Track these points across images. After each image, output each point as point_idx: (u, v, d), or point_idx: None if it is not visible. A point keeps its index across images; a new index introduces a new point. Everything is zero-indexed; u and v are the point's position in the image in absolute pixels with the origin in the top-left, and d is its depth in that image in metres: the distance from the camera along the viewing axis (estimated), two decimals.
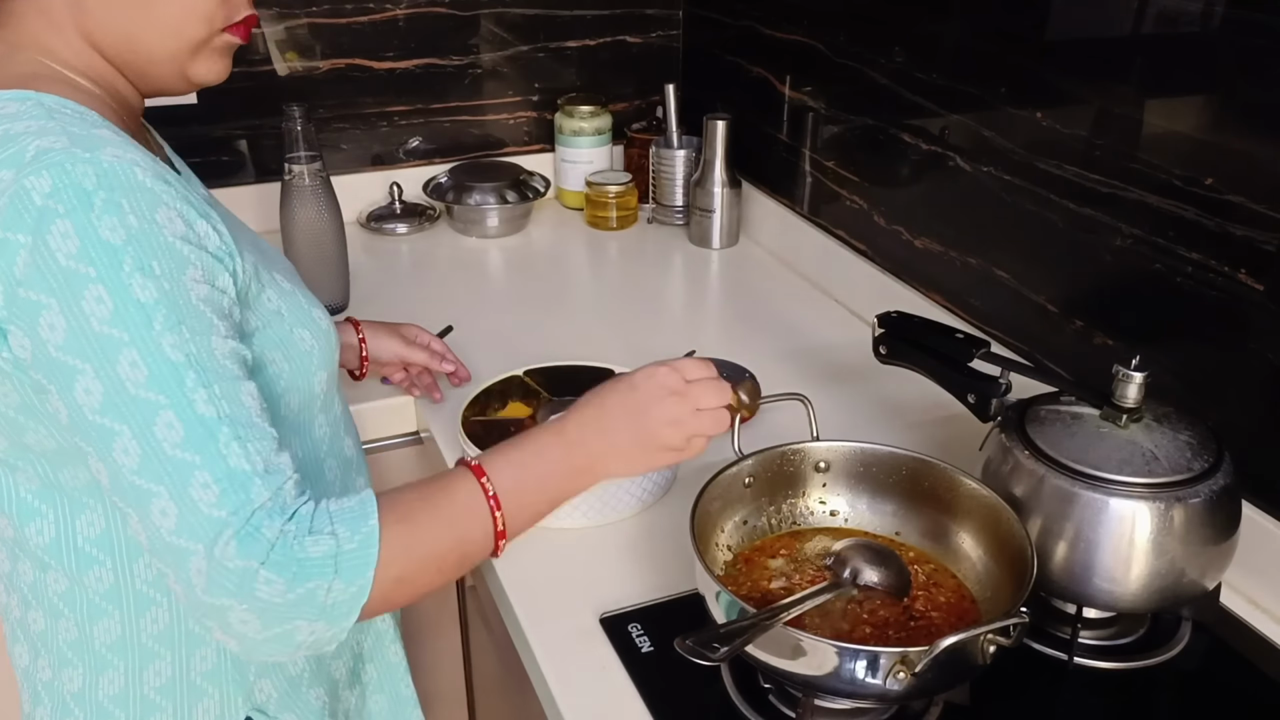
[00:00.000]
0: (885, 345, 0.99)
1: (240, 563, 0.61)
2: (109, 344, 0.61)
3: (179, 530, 0.61)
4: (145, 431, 0.62)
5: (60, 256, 0.61)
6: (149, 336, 0.62)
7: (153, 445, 0.62)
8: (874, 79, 1.34)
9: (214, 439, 0.62)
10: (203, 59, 0.75)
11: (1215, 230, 0.92)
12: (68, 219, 0.61)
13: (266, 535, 0.61)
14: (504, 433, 1.04)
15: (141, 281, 0.62)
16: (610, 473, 0.78)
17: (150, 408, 0.62)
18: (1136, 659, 0.86)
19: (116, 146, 0.65)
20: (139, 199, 0.63)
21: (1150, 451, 0.81)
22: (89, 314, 0.61)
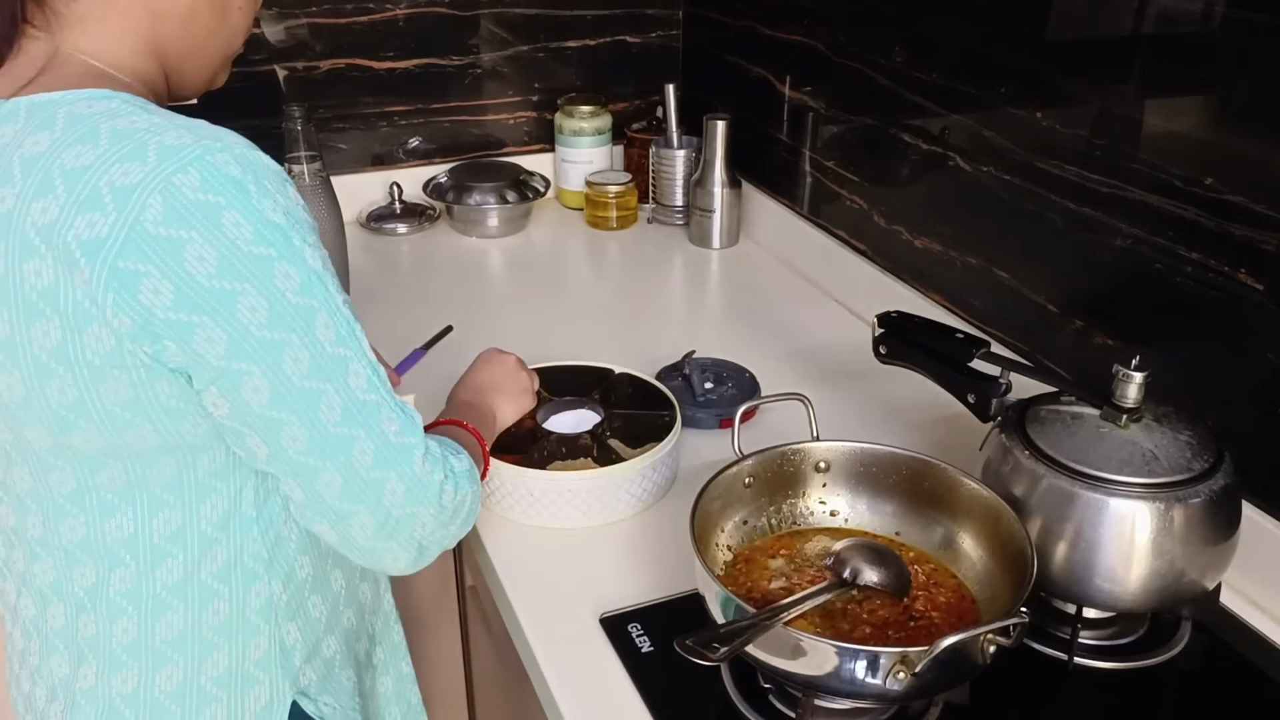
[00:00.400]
0: (885, 345, 0.99)
1: (434, 476, 0.73)
2: (306, 312, 0.66)
3: (376, 462, 0.70)
4: (343, 384, 0.68)
5: (241, 244, 0.63)
6: (331, 300, 0.68)
7: (350, 395, 0.68)
8: (874, 79, 1.34)
9: (383, 380, 0.71)
10: (225, 69, 0.82)
11: (1215, 230, 0.92)
12: (234, 209, 0.63)
13: (434, 458, 0.75)
14: (504, 432, 1.04)
15: (310, 252, 0.67)
16: (504, 419, 1.02)
17: (343, 362, 0.68)
18: (1136, 659, 0.86)
19: (231, 135, 0.68)
20: (274, 180, 0.67)
21: (1150, 451, 0.81)
22: (283, 289, 0.65)
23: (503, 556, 0.96)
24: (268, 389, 0.66)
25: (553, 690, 0.81)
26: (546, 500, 0.99)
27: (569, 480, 0.98)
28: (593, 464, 1.00)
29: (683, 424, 1.07)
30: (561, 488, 0.98)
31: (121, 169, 0.62)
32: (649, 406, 1.08)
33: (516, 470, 0.98)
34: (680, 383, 1.18)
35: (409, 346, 1.31)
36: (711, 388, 1.18)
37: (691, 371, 1.19)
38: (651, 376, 1.14)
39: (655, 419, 1.05)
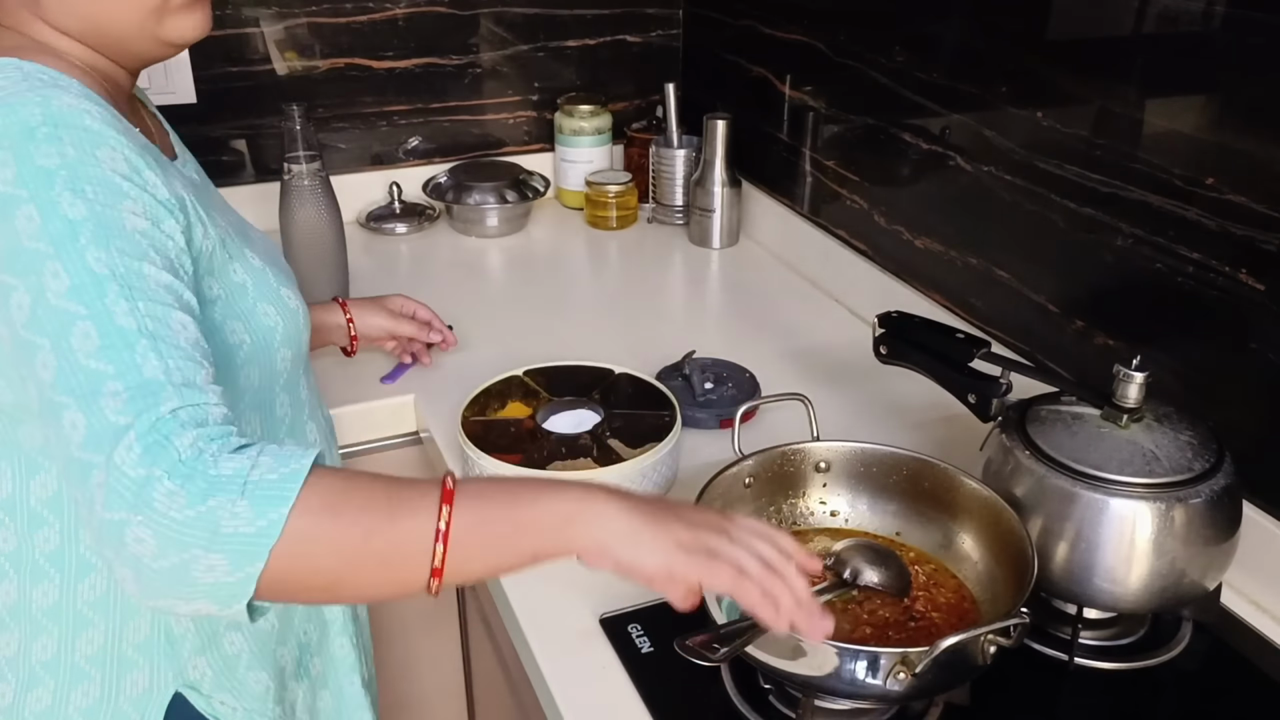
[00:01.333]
0: (886, 345, 0.99)
1: (141, 470, 0.57)
2: (35, 257, 0.62)
3: (85, 442, 0.59)
4: (62, 341, 0.61)
5: (1, 184, 0.63)
6: (73, 248, 0.62)
7: (68, 356, 0.61)
8: (874, 78, 1.34)
9: (130, 348, 0.61)
10: (173, 18, 0.75)
11: (1216, 230, 0.92)
12: (8, 150, 0.63)
13: (175, 445, 0.58)
14: (504, 432, 1.05)
15: (70, 200, 0.63)
16: (595, 533, 0.65)
17: (68, 318, 0.61)
18: (1137, 659, 0.86)
19: (74, 96, 0.67)
20: (81, 136, 0.65)
21: (1151, 452, 0.81)
22: (20, 231, 0.62)
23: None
24: (6, 337, 0.64)
25: (553, 690, 0.81)
26: None
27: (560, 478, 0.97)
28: (593, 464, 1.00)
29: (683, 424, 1.07)
30: None
31: None
32: (649, 407, 1.08)
33: (516, 470, 0.98)
34: (680, 383, 1.18)
35: None
36: (712, 388, 1.18)
37: (692, 372, 1.19)
38: (651, 377, 1.14)
39: (655, 419, 1.05)
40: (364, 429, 1.21)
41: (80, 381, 0.60)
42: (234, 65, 1.57)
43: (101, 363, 0.60)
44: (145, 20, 0.74)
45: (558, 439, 1.02)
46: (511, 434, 1.04)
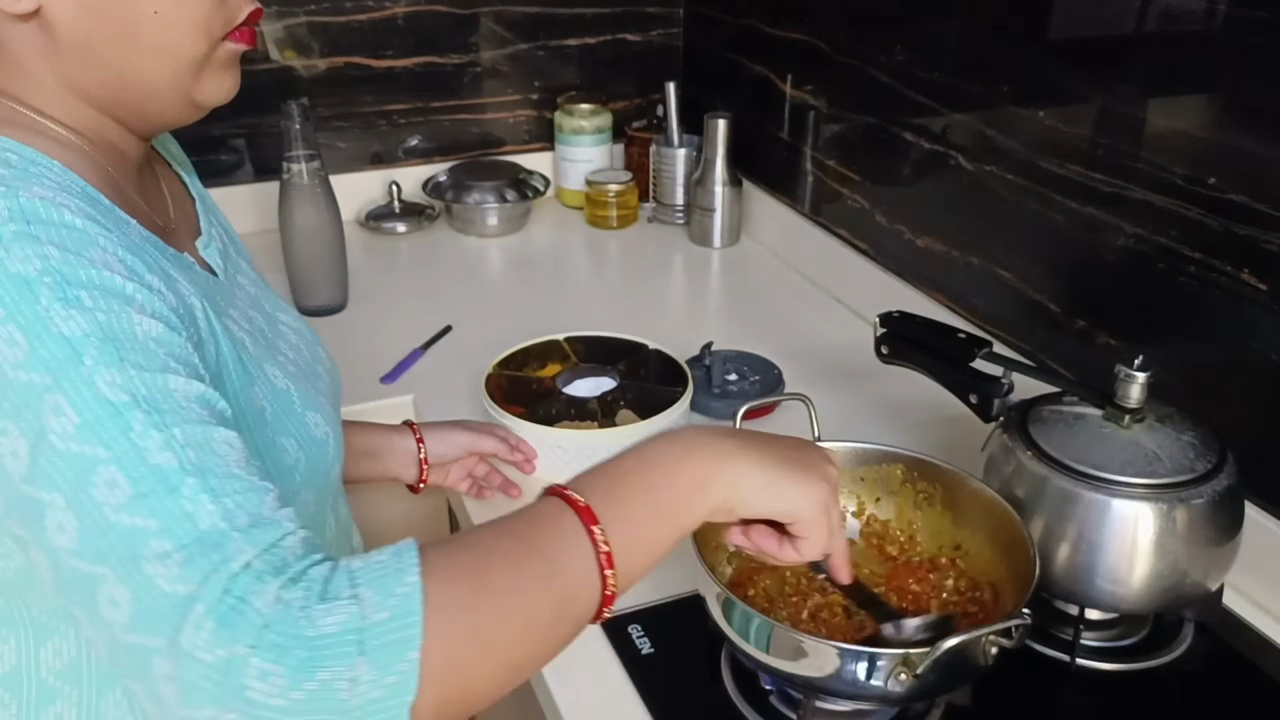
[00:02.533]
0: (887, 345, 0.99)
1: (220, 651, 0.44)
2: (27, 391, 0.49)
3: (134, 623, 0.46)
4: (81, 495, 0.48)
5: None
6: (76, 373, 0.50)
7: (92, 513, 0.48)
8: (875, 77, 1.34)
9: (174, 493, 0.48)
10: (208, 77, 0.66)
11: (1218, 230, 0.92)
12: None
13: (256, 607, 0.45)
14: (526, 389, 1.10)
15: (64, 312, 0.51)
16: (739, 484, 0.59)
17: (84, 463, 0.49)
18: (1139, 660, 0.86)
19: (47, 187, 0.56)
20: (63, 234, 0.53)
21: (1153, 452, 0.81)
22: (1, 360, 0.50)
23: None
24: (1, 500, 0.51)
25: (553, 690, 0.81)
26: (542, 452, 1.04)
27: (559, 437, 1.03)
28: (595, 426, 1.04)
29: (700, 413, 1.13)
30: (552, 443, 1.03)
31: None
32: (667, 383, 1.12)
33: (515, 421, 1.04)
34: (701, 373, 1.19)
35: (408, 346, 1.31)
36: (734, 380, 1.20)
37: (713, 363, 1.20)
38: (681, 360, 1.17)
39: (668, 394, 1.08)
40: None
41: (114, 544, 0.47)
42: None
43: (139, 517, 0.48)
44: (181, 76, 0.64)
45: (567, 400, 1.08)
46: (533, 390, 1.10)
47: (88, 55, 0.62)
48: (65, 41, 0.61)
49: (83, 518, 0.48)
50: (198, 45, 0.64)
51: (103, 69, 0.62)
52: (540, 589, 0.51)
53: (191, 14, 0.63)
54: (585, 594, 0.53)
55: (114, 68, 0.62)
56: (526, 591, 0.51)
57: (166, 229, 0.70)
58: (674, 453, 0.58)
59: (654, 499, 0.57)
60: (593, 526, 0.53)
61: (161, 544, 0.47)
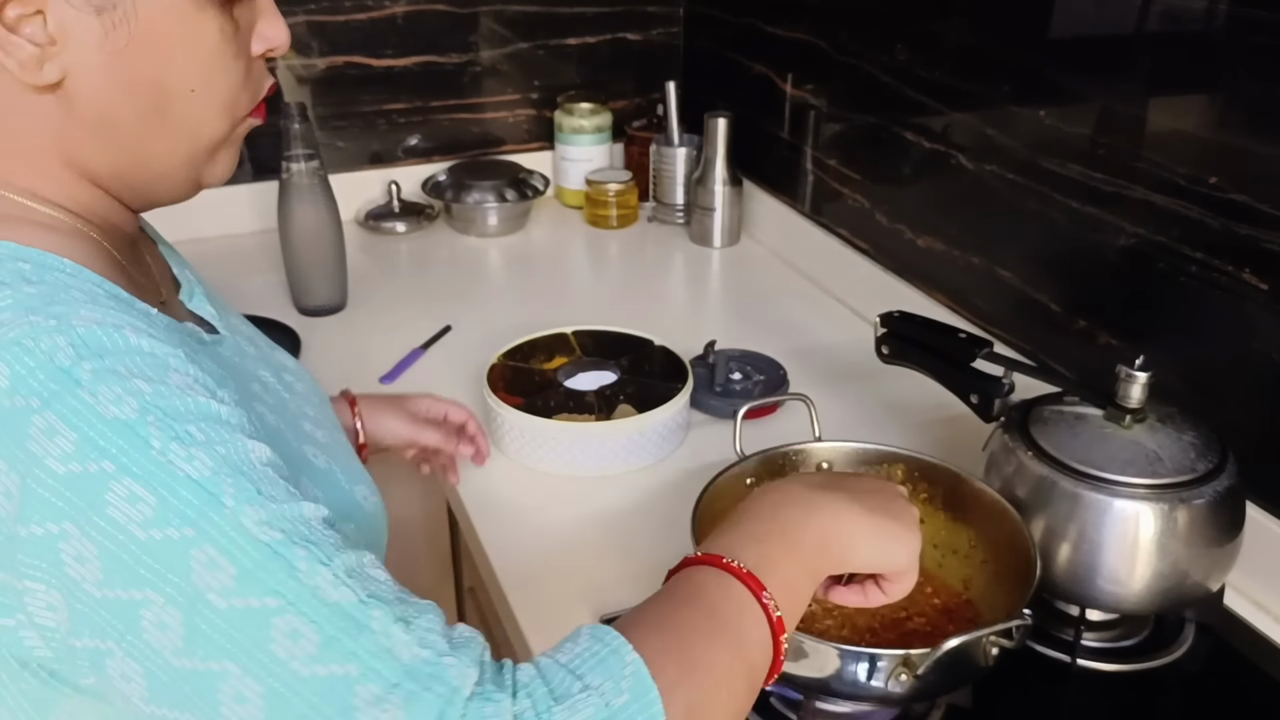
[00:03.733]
0: (887, 345, 0.99)
1: None
2: (169, 550, 0.44)
3: None
4: (259, 656, 0.43)
5: (52, 464, 0.44)
6: (222, 519, 0.45)
7: (277, 673, 0.43)
8: (876, 77, 1.34)
9: (365, 630, 0.44)
10: (221, 157, 0.62)
11: (1219, 229, 0.92)
12: (47, 411, 0.45)
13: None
14: (528, 380, 1.12)
15: (184, 452, 0.45)
16: (852, 540, 0.61)
17: (256, 619, 0.43)
18: (1140, 661, 0.86)
19: (89, 308, 0.50)
20: (139, 361, 0.48)
21: (1154, 452, 0.81)
22: (126, 521, 0.44)
23: (502, 557, 0.96)
24: (139, 677, 0.45)
25: None
26: (537, 442, 1.05)
27: (555, 428, 1.04)
28: (592, 418, 1.06)
29: (701, 410, 1.15)
30: (547, 434, 1.04)
31: None
32: (668, 379, 1.13)
33: (513, 412, 1.05)
34: (705, 372, 1.20)
35: (407, 346, 1.31)
36: (738, 379, 1.20)
37: (716, 361, 1.21)
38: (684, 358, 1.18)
39: (668, 390, 1.09)
40: None
41: (315, 703, 0.42)
42: None
43: (336, 664, 0.43)
44: (196, 157, 0.61)
45: (565, 392, 1.10)
46: (534, 382, 1.11)
47: (106, 133, 0.56)
48: (84, 117, 0.55)
49: (267, 681, 0.43)
50: (221, 125, 0.60)
51: (118, 148, 0.57)
52: (736, 661, 0.51)
53: (223, 91, 0.59)
54: (763, 662, 0.54)
55: (131, 147, 0.58)
56: (727, 666, 0.51)
57: (160, 299, 0.64)
58: (797, 512, 0.59)
59: (797, 560, 0.57)
60: (761, 594, 0.53)
61: (370, 689, 0.43)
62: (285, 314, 1.38)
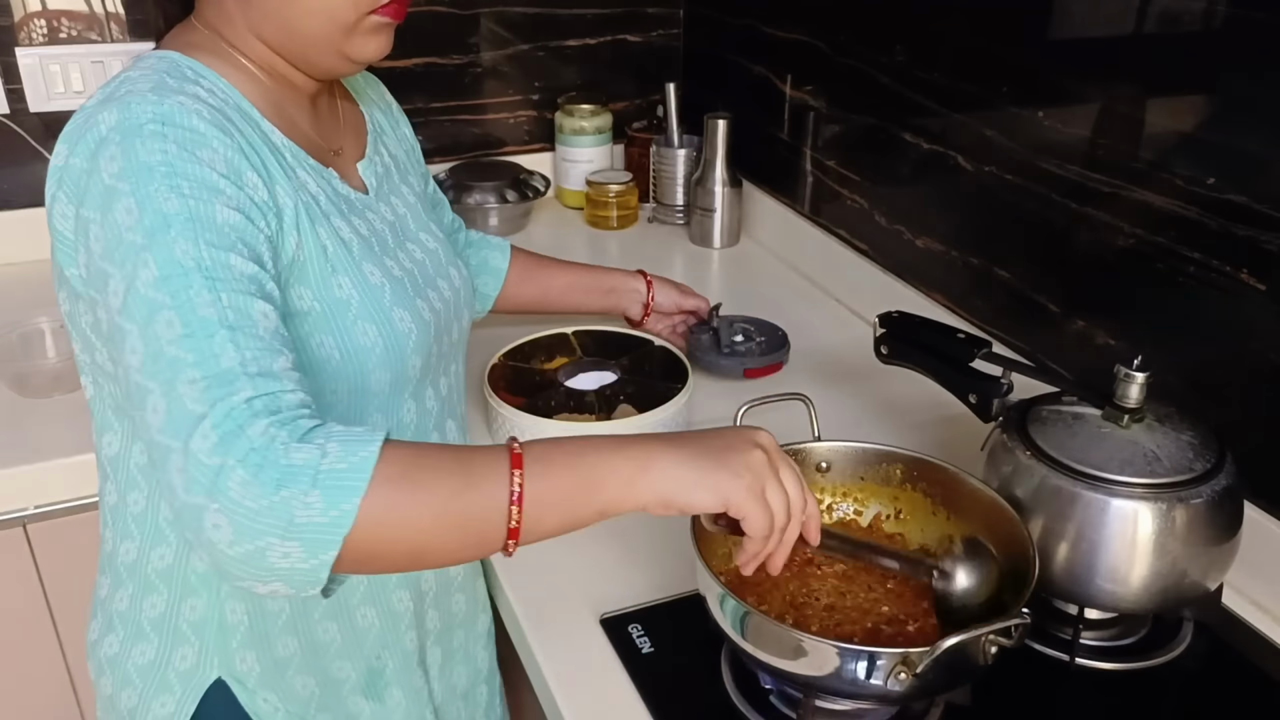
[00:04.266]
0: (886, 345, 0.99)
1: (216, 458, 0.59)
2: (131, 249, 0.65)
3: (165, 427, 0.61)
4: (147, 329, 0.63)
5: (105, 176, 0.67)
6: (164, 240, 0.65)
7: (153, 342, 0.63)
8: (875, 78, 1.34)
9: (210, 338, 0.63)
10: (357, 39, 0.79)
11: (1217, 230, 0.92)
12: (117, 145, 0.68)
13: (249, 434, 0.59)
14: (529, 380, 1.12)
15: (166, 195, 0.66)
16: (657, 488, 0.67)
17: (155, 306, 0.64)
18: (1138, 660, 0.86)
19: (191, 99, 0.71)
20: (184, 135, 0.69)
21: (1152, 452, 0.81)
22: (119, 223, 0.66)
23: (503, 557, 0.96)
24: (91, 315, 0.73)
25: (553, 690, 0.81)
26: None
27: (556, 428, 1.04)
28: (593, 419, 1.06)
29: (707, 371, 1.21)
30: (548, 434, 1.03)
31: (87, 104, 0.73)
32: (668, 378, 1.13)
33: (514, 413, 1.05)
34: (709, 336, 1.24)
35: None
36: (741, 340, 1.25)
37: (720, 326, 1.25)
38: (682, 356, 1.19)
39: (668, 390, 1.09)
40: None
41: (162, 368, 0.62)
42: None
43: (182, 350, 0.62)
44: (334, 34, 0.78)
45: (566, 392, 1.10)
46: (535, 382, 1.12)
47: (265, 8, 0.77)
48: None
49: (147, 344, 0.63)
50: (346, 13, 0.77)
51: (275, 21, 0.78)
52: (455, 498, 0.62)
53: None
54: (493, 519, 0.63)
55: (283, 22, 0.77)
56: (443, 495, 0.62)
57: (329, 149, 0.85)
58: (609, 447, 0.67)
59: (578, 474, 0.66)
60: (515, 470, 0.64)
61: (192, 373, 0.61)
62: None
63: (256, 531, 0.58)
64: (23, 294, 1.41)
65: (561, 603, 0.90)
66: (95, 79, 1.50)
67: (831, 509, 0.92)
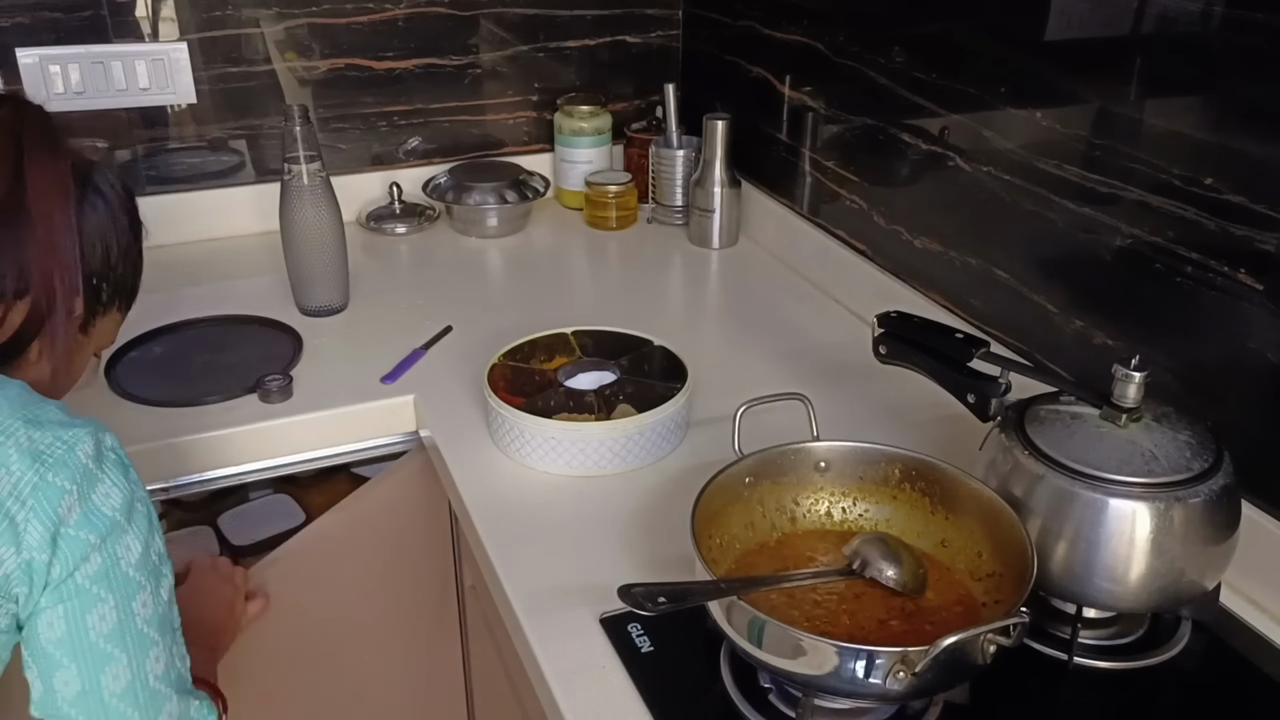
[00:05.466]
0: (885, 345, 0.99)
1: None
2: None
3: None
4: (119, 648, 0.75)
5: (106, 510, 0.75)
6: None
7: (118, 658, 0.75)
8: (873, 79, 1.34)
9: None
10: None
11: (1215, 230, 0.92)
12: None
13: None
14: (529, 380, 1.13)
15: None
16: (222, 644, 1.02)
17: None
18: (1136, 659, 0.86)
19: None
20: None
21: (1150, 451, 0.81)
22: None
23: (503, 557, 0.96)
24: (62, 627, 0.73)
25: (553, 690, 0.82)
26: (537, 442, 1.06)
27: (555, 428, 1.05)
28: (592, 419, 1.06)
29: None
30: (547, 434, 1.05)
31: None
32: (667, 378, 1.13)
33: (514, 412, 1.06)
34: None
35: (408, 347, 1.31)
36: None
37: None
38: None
39: (668, 390, 1.10)
40: (364, 429, 1.22)
41: (115, 694, 0.75)
42: (234, 65, 1.57)
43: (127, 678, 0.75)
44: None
45: (565, 392, 1.11)
46: (534, 382, 1.12)
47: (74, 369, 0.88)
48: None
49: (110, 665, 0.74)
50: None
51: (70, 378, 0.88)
52: None
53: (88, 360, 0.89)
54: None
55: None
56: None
57: None
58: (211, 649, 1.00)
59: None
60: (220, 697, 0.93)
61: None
62: (287, 315, 1.39)
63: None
64: None
65: (561, 603, 0.90)
66: (95, 79, 1.50)
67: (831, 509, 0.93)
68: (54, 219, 0.78)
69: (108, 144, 1.54)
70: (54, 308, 0.79)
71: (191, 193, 1.61)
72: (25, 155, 0.78)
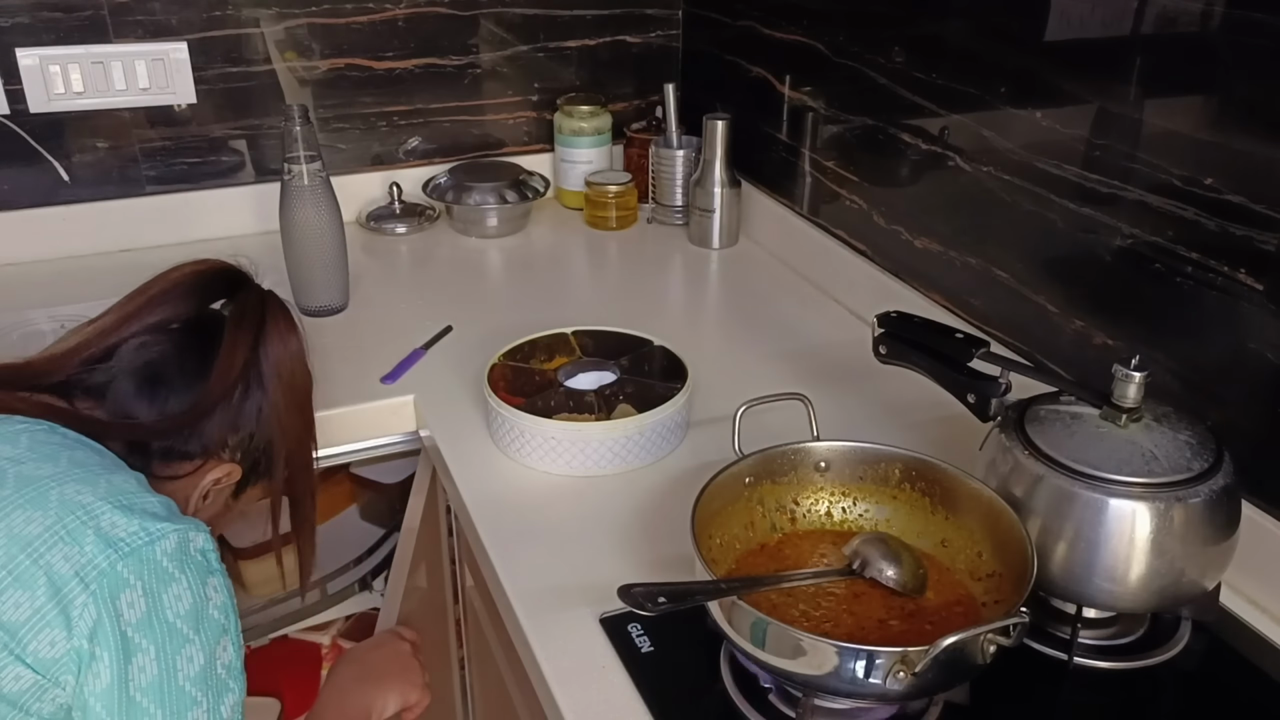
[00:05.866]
0: (885, 345, 0.99)
1: None
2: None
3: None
4: None
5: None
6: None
7: None
8: (874, 79, 1.34)
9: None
10: None
11: (1215, 230, 0.92)
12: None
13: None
14: (529, 380, 1.13)
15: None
16: (370, 709, 0.95)
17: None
18: (1136, 659, 0.86)
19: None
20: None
21: (1150, 451, 0.81)
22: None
23: (503, 557, 0.96)
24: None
25: (553, 690, 0.82)
26: (537, 442, 1.06)
27: (555, 428, 1.05)
28: (592, 419, 1.06)
29: None
30: (547, 434, 1.05)
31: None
32: (667, 378, 1.13)
33: (513, 412, 1.06)
34: None
35: (408, 347, 1.31)
36: None
37: None
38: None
39: (668, 390, 1.10)
40: (364, 429, 1.22)
41: None
42: (234, 65, 1.57)
43: None
44: None
45: (566, 392, 1.11)
46: (535, 382, 1.12)
47: None
48: None
49: None
50: None
51: None
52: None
53: None
54: None
55: None
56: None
57: None
58: (359, 695, 0.96)
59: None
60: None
61: None
62: None
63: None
64: (23, 294, 1.42)
65: (561, 603, 0.90)
66: (95, 79, 1.50)
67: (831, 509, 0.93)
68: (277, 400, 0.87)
69: (108, 144, 1.55)
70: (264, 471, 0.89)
71: (191, 193, 1.61)
72: (265, 334, 0.87)
